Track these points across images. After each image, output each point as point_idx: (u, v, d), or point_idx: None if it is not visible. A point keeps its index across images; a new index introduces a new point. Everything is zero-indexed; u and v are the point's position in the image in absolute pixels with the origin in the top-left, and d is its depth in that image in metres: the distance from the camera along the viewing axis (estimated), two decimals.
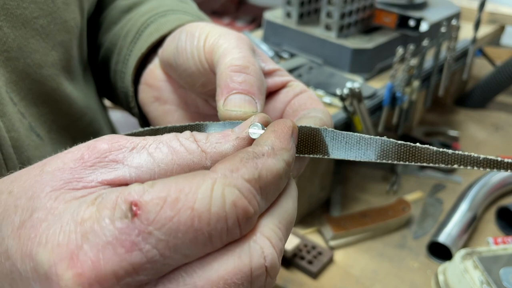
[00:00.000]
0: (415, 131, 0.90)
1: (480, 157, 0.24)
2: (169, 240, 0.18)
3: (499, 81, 0.94)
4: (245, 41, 0.32)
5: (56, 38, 0.38)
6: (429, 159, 0.25)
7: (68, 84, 0.41)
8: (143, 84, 0.40)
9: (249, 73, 0.30)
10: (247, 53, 0.31)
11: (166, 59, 0.37)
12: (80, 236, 0.18)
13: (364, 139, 0.27)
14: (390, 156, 0.26)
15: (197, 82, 0.35)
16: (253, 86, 0.29)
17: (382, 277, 0.62)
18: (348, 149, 0.27)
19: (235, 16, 1.77)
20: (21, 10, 0.34)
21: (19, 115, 0.36)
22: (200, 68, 0.33)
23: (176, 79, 0.38)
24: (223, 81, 0.29)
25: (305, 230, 0.69)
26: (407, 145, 0.26)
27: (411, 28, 0.76)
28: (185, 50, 0.34)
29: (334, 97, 0.68)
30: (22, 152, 0.35)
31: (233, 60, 0.30)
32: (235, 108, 0.28)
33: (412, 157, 0.26)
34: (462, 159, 0.25)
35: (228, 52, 0.31)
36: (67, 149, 0.43)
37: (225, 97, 0.29)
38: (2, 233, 0.21)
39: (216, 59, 0.31)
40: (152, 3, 0.46)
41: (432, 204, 0.74)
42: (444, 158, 0.25)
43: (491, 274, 0.55)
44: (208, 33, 0.33)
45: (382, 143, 0.26)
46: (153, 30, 0.41)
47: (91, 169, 0.22)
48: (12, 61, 0.35)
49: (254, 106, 0.29)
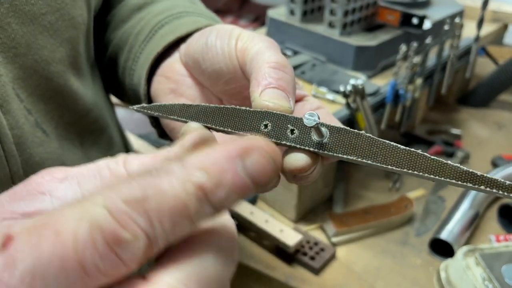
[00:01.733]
0: (418, 129, 0.91)
1: (506, 183, 0.24)
2: (34, 270, 0.16)
3: (502, 80, 0.94)
4: (276, 45, 0.34)
5: (63, 34, 0.38)
6: (459, 177, 0.25)
7: (75, 80, 0.41)
8: (160, 76, 0.41)
9: (286, 72, 0.31)
10: (281, 55, 0.32)
11: (192, 54, 0.38)
12: None
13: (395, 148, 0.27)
14: (420, 168, 0.26)
15: (222, 78, 0.36)
16: (288, 84, 0.30)
17: (384, 273, 0.63)
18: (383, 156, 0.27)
19: (238, 15, 1.77)
20: (30, 6, 0.35)
21: (25, 111, 0.36)
22: (229, 65, 0.35)
23: (197, 75, 0.39)
24: (261, 74, 0.30)
25: (307, 226, 0.69)
26: (439, 161, 0.26)
27: (414, 26, 0.76)
28: (215, 46, 0.35)
29: (337, 94, 0.68)
30: (25, 149, 0.35)
31: (272, 58, 0.31)
32: (272, 100, 0.29)
33: (443, 174, 0.26)
34: (489, 182, 0.25)
35: (264, 51, 0.32)
36: (74, 144, 0.43)
37: (262, 89, 0.30)
38: None
39: (249, 58, 0.33)
40: (165, 4, 0.46)
41: (434, 202, 0.74)
42: (472, 178, 0.25)
43: (493, 271, 0.55)
44: (239, 33, 0.35)
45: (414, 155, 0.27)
46: (168, 31, 0.41)
47: (18, 202, 0.21)
48: (20, 57, 0.35)
49: (288, 102, 0.30)
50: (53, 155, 0.39)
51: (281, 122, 0.29)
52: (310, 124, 0.27)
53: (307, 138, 0.29)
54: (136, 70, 0.42)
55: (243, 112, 0.30)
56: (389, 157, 0.27)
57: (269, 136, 0.29)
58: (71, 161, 0.41)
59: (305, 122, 0.27)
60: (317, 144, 0.28)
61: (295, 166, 0.28)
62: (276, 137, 0.29)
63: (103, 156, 0.46)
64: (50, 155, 0.38)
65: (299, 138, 0.29)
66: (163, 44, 0.40)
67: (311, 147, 0.29)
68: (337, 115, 0.65)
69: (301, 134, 0.29)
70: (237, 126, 0.31)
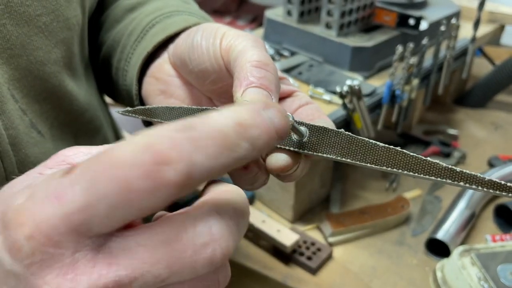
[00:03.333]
0: (415, 130, 0.91)
1: (485, 179, 0.24)
2: (90, 186, 0.18)
3: (499, 80, 0.95)
4: (261, 43, 0.34)
5: (58, 35, 0.39)
6: (438, 174, 0.25)
7: (70, 81, 0.42)
8: (150, 77, 0.41)
9: (269, 70, 0.31)
10: (265, 53, 0.32)
11: (179, 54, 0.38)
12: (25, 197, 0.20)
13: (373, 145, 0.27)
14: (399, 166, 0.26)
15: (208, 78, 0.36)
16: (271, 83, 0.30)
17: (380, 273, 0.63)
18: (360, 154, 0.28)
19: (236, 15, 1.77)
20: (25, 7, 0.35)
21: (20, 112, 0.36)
22: (214, 64, 0.35)
23: (185, 75, 0.39)
24: (243, 74, 0.30)
25: (304, 226, 0.69)
26: (418, 158, 0.26)
27: (411, 26, 0.76)
28: (200, 46, 0.35)
29: (334, 95, 0.68)
30: (20, 149, 0.36)
31: (254, 56, 0.31)
32: (254, 99, 0.29)
33: (422, 170, 0.26)
34: (468, 178, 0.25)
35: (248, 49, 0.32)
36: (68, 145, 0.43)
37: (243, 88, 0.30)
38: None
39: (233, 57, 0.33)
40: (157, 3, 0.46)
41: (430, 202, 0.75)
42: (452, 175, 0.25)
43: (489, 270, 0.56)
44: (224, 32, 0.35)
45: (386, 151, 0.27)
46: (159, 30, 0.41)
47: (50, 170, 0.24)
48: (15, 58, 0.35)
49: (270, 101, 0.30)
50: (48, 155, 0.39)
51: None
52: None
53: (287, 137, 0.29)
54: (129, 71, 0.43)
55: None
56: (368, 155, 0.27)
57: None
58: None
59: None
60: (297, 143, 0.29)
61: (277, 166, 0.29)
62: None
63: None
64: (45, 155, 0.38)
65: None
66: (153, 44, 0.40)
67: (291, 146, 0.29)
68: (333, 116, 0.65)
69: None
70: None
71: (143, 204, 0.19)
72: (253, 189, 0.31)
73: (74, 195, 0.19)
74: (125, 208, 0.19)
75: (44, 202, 0.19)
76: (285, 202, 0.69)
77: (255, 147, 0.20)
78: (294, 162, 0.29)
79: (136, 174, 0.18)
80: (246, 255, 0.65)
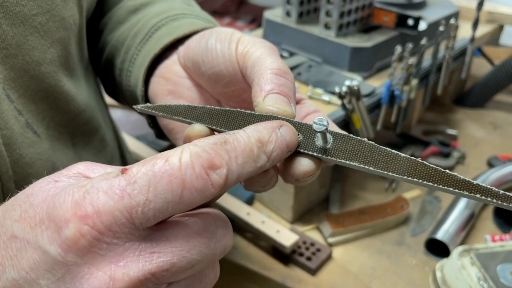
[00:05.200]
0: (414, 130, 0.91)
1: (499, 192, 0.26)
2: (150, 185, 0.22)
3: (498, 80, 0.95)
4: (276, 50, 0.35)
5: (54, 35, 0.38)
6: (456, 185, 0.26)
7: (66, 81, 0.42)
8: (159, 77, 0.41)
9: (288, 78, 0.32)
10: (283, 61, 0.33)
11: (192, 56, 0.38)
12: (83, 192, 0.22)
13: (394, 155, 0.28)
14: (420, 176, 0.27)
15: (221, 81, 0.37)
16: (290, 90, 0.32)
17: (380, 273, 0.63)
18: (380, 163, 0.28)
19: (235, 16, 1.77)
20: (20, 7, 0.35)
21: (15, 112, 0.36)
22: (230, 68, 0.35)
23: (196, 77, 0.39)
24: (264, 80, 0.32)
25: (304, 227, 0.69)
26: (438, 169, 0.27)
27: (409, 27, 0.76)
28: (215, 49, 0.36)
29: (333, 95, 0.68)
30: (15, 149, 0.36)
31: (274, 64, 0.32)
32: (275, 105, 0.31)
33: (441, 181, 0.27)
34: (484, 191, 0.26)
35: (266, 57, 0.33)
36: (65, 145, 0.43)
37: (265, 94, 0.31)
38: (6, 225, 0.24)
39: (250, 63, 0.34)
40: (162, 6, 0.46)
41: (430, 202, 0.75)
42: (468, 186, 0.26)
43: (488, 270, 0.56)
44: (240, 37, 0.36)
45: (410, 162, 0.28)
46: (165, 32, 0.42)
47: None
48: (11, 58, 0.35)
49: (290, 107, 0.31)
50: (44, 155, 0.39)
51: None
52: (320, 130, 0.28)
53: (310, 143, 0.30)
54: (133, 72, 0.43)
55: (248, 115, 0.31)
56: (390, 164, 0.28)
57: None
58: (62, 162, 0.41)
59: (315, 127, 0.28)
60: (320, 149, 0.29)
61: (300, 171, 0.30)
62: None
63: (95, 157, 0.47)
64: (40, 155, 0.38)
65: (303, 142, 0.30)
66: (160, 46, 0.41)
67: (315, 152, 0.29)
68: (332, 116, 0.65)
69: (305, 139, 0.30)
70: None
71: (192, 201, 0.23)
72: (263, 190, 0.32)
73: (135, 191, 0.22)
74: (178, 204, 0.23)
75: (106, 196, 0.22)
76: (284, 203, 0.69)
77: (270, 158, 0.27)
78: (316, 168, 0.30)
79: (190, 175, 0.23)
80: (245, 256, 0.65)
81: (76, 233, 0.21)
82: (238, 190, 0.72)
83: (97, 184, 0.22)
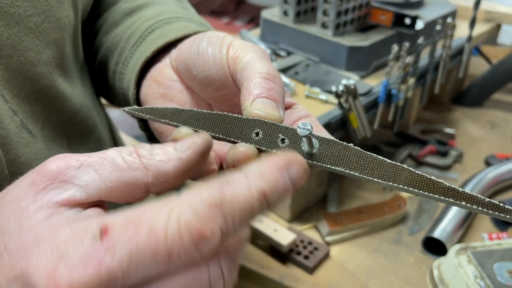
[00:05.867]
0: (412, 129, 0.91)
1: (485, 200, 0.26)
2: (131, 257, 0.20)
3: (495, 79, 0.95)
4: (267, 55, 0.35)
5: (49, 36, 0.39)
6: (441, 192, 0.26)
7: (62, 81, 0.42)
8: (150, 80, 0.41)
9: (277, 83, 0.32)
10: (273, 66, 0.33)
11: (183, 60, 0.38)
12: (57, 257, 0.21)
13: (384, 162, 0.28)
14: (405, 183, 0.27)
15: (212, 85, 0.37)
16: (279, 95, 0.31)
17: (377, 272, 0.63)
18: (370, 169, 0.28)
19: (234, 16, 1.77)
20: (15, 8, 0.35)
21: (10, 112, 0.36)
22: (220, 71, 0.35)
23: (188, 81, 0.39)
24: (253, 84, 0.31)
25: (301, 226, 0.69)
26: (423, 176, 0.27)
27: (406, 26, 0.76)
28: (206, 53, 0.36)
29: (330, 95, 0.68)
30: (11, 149, 0.36)
31: (263, 68, 0.32)
32: (263, 109, 0.30)
33: (426, 188, 0.27)
34: (469, 198, 0.26)
35: (256, 61, 0.33)
36: (61, 145, 0.43)
37: (253, 98, 0.31)
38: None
39: (240, 67, 0.34)
40: (156, 9, 0.46)
41: (427, 200, 0.75)
42: (454, 194, 0.26)
43: (485, 268, 0.56)
44: (231, 41, 0.36)
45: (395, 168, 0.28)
46: (158, 36, 0.42)
47: (43, 191, 0.24)
48: (5, 58, 0.35)
49: (278, 112, 0.31)
50: (40, 155, 0.39)
51: (272, 131, 0.30)
52: (303, 134, 0.27)
53: (297, 147, 0.30)
54: (126, 74, 0.43)
55: (235, 119, 0.31)
56: (376, 170, 0.28)
57: (260, 144, 0.30)
58: None
59: (299, 132, 0.27)
60: (306, 154, 0.29)
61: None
62: (267, 145, 0.30)
63: None
64: (36, 155, 0.38)
65: (289, 147, 0.30)
66: (153, 49, 0.41)
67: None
68: (329, 115, 0.65)
69: (291, 144, 0.30)
70: (228, 132, 0.31)
71: (178, 269, 0.21)
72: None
73: (114, 263, 0.20)
74: (162, 274, 0.21)
75: (81, 266, 0.20)
76: (282, 202, 0.69)
77: (273, 206, 0.23)
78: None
79: (177, 248, 0.21)
80: (243, 255, 0.65)
81: None
82: None
83: (72, 250, 0.21)
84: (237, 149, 0.30)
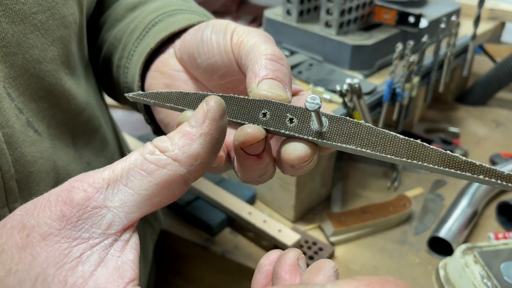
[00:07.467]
0: (416, 128, 0.91)
1: (504, 173, 0.24)
2: None
3: (500, 78, 0.94)
4: (272, 38, 0.34)
5: (55, 33, 0.38)
6: (457, 167, 0.25)
7: (67, 79, 0.41)
8: (154, 71, 0.41)
9: (283, 64, 0.31)
10: (278, 48, 0.33)
11: (188, 49, 0.38)
12: None
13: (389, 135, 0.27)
14: (419, 158, 0.26)
15: (217, 72, 0.37)
16: (285, 76, 0.31)
17: (382, 272, 0.62)
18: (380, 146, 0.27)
19: (236, 16, 1.77)
20: (20, 5, 0.35)
21: (16, 110, 0.36)
22: (225, 58, 0.35)
23: (192, 70, 0.39)
24: (258, 66, 0.31)
25: (306, 226, 0.69)
26: (438, 150, 0.26)
27: (410, 24, 0.76)
28: (210, 40, 0.36)
29: (334, 94, 0.68)
30: (16, 148, 0.35)
31: (268, 50, 0.32)
32: (270, 89, 0.30)
33: (442, 163, 0.26)
34: (488, 171, 0.25)
35: (261, 44, 0.32)
36: (66, 144, 0.43)
37: (259, 79, 0.30)
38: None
39: (245, 51, 0.33)
40: (159, 2, 0.47)
41: (432, 200, 0.74)
42: (453, 163, 0.25)
43: (492, 268, 0.55)
44: (235, 28, 0.35)
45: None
46: (162, 28, 0.42)
47: (79, 224, 0.23)
48: (11, 56, 0.35)
49: (285, 92, 0.30)
50: (45, 154, 0.38)
51: (280, 110, 0.29)
52: (312, 108, 0.26)
53: (306, 127, 0.29)
54: (130, 68, 0.43)
55: (242, 100, 0.30)
56: (388, 147, 0.27)
57: (267, 125, 0.29)
58: (63, 160, 0.41)
59: (307, 106, 0.26)
60: (316, 133, 0.28)
61: (294, 156, 0.28)
62: (275, 126, 0.29)
63: (96, 156, 0.46)
64: (42, 154, 0.38)
65: (298, 127, 0.29)
66: (157, 40, 0.41)
67: (310, 136, 0.28)
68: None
69: (300, 123, 0.29)
70: (235, 114, 0.30)
71: None
72: (260, 182, 0.31)
73: None
74: None
75: None
76: (286, 202, 0.69)
77: None
78: (312, 153, 0.29)
79: None
80: (247, 255, 0.65)
81: None
82: (239, 190, 0.72)
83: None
84: (244, 130, 0.29)
